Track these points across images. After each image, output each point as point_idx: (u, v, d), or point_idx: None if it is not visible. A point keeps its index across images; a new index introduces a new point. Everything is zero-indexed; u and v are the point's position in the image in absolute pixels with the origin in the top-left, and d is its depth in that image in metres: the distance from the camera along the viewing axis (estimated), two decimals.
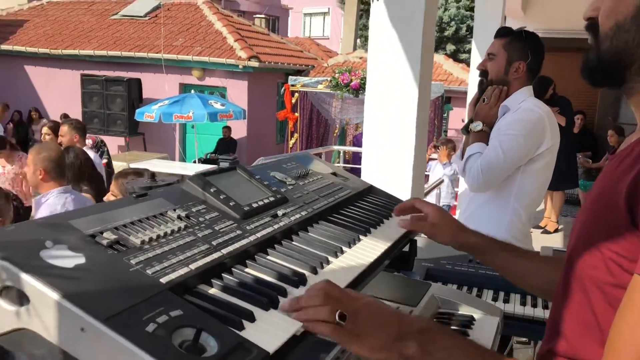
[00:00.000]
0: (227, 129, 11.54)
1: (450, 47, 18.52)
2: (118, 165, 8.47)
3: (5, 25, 13.36)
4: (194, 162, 10.83)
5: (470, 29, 19.08)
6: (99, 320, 0.74)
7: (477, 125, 2.46)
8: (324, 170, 1.76)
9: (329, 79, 9.98)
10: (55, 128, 5.80)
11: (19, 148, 6.56)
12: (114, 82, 11.32)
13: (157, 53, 11.43)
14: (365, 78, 9.67)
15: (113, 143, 11.72)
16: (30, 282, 0.77)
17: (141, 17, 13.23)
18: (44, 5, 14.79)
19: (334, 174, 1.77)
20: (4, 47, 12.35)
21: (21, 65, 12.49)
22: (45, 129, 6.13)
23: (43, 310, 0.77)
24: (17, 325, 0.80)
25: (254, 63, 11.18)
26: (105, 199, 2.66)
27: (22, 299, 0.79)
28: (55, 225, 0.92)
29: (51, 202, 3.09)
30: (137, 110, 10.62)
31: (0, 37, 12.70)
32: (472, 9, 19.18)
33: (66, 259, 0.84)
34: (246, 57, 11.15)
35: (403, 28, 2.81)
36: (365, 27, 19.57)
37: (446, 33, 17.55)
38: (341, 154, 8.89)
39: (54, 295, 0.76)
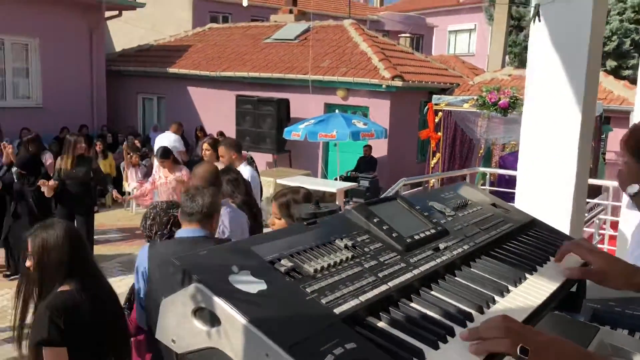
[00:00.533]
0: (368, 147, 11.68)
1: (611, 63, 17.14)
2: (266, 181, 8.93)
3: (173, 50, 14.78)
4: (335, 179, 11.08)
5: (635, 43, 17.53)
6: (283, 349, 0.79)
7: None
8: (483, 201, 1.72)
9: (475, 97, 9.71)
10: (213, 144, 6.30)
11: (180, 162, 7.21)
12: (265, 102, 12.00)
13: (304, 74, 11.93)
14: (515, 96, 9.30)
15: (262, 159, 12.39)
16: (221, 305, 0.85)
17: (291, 40, 13.90)
18: (206, 31, 16.13)
19: (494, 204, 1.72)
20: (172, 70, 13.65)
21: (185, 87, 13.71)
22: (205, 145, 6.70)
23: (232, 333, 0.84)
24: (208, 344, 0.88)
25: (398, 82, 11.22)
26: (269, 222, 2.81)
27: (213, 320, 0.86)
28: (239, 251, 1.00)
29: None
30: (285, 129, 11.14)
31: (169, 61, 14.07)
32: (637, 22, 17.62)
33: (250, 284, 0.90)
34: (390, 76, 11.24)
35: (567, 46, 2.66)
36: (515, 44, 18.80)
37: (607, 48, 16.27)
38: (487, 176, 8.58)
39: (242, 319, 0.82)
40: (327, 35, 13.87)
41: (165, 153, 6.68)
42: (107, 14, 13.79)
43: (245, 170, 5.18)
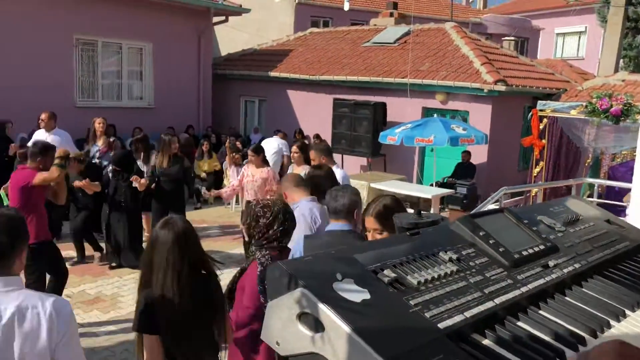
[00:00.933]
0: (467, 153, 11.37)
1: None
2: (359, 184, 8.93)
3: (275, 55, 15.21)
4: (431, 185, 10.89)
5: None
6: None
7: None
8: (596, 216, 1.62)
9: (584, 103, 9.17)
10: (302, 147, 6.52)
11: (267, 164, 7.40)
12: (362, 105, 12.02)
13: (403, 78, 11.83)
14: (629, 103, 8.67)
15: (356, 163, 12.42)
16: (326, 312, 0.86)
17: (391, 43, 13.84)
18: (307, 35, 16.44)
19: (608, 221, 1.62)
20: (273, 73, 14.05)
21: (285, 90, 14.06)
22: (294, 148, 6.91)
23: (335, 340, 0.85)
24: (311, 349, 0.90)
25: (500, 87, 10.84)
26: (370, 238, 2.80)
27: (317, 326, 0.88)
28: (343, 259, 1.01)
29: (302, 207, 3.72)
30: (381, 133, 11.10)
31: (271, 64, 14.49)
32: None
33: (354, 293, 0.91)
34: (492, 80, 10.88)
35: None
36: (631, 47, 17.58)
37: None
38: (595, 188, 8.07)
39: (346, 328, 0.83)
40: (427, 39, 13.67)
41: (258, 149, 6.94)
42: (215, 19, 14.42)
43: (337, 172, 5.26)
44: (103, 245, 7.41)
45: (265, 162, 7.00)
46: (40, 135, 8.05)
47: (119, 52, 12.63)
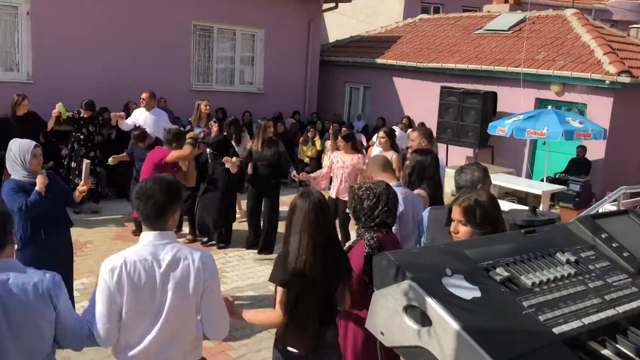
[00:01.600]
0: (582, 148, 10.68)
1: None
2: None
3: (383, 41, 15.08)
4: (542, 180, 10.36)
5: None
6: None
7: None
8: None
9: None
10: (390, 133, 6.80)
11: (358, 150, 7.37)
12: (471, 94, 11.64)
13: (516, 67, 11.29)
14: None
15: (461, 153, 12.08)
16: (433, 307, 0.84)
17: (505, 31, 13.25)
18: (416, 22, 16.14)
19: None
20: (380, 60, 13.95)
21: (391, 77, 13.93)
22: (381, 133, 6.95)
23: (442, 336, 0.83)
24: (416, 342, 0.88)
25: (625, 78, 10.04)
26: (451, 229, 2.63)
27: (424, 320, 0.87)
28: (452, 253, 0.98)
29: None
30: (490, 124, 10.69)
31: (377, 51, 14.40)
32: None
33: (463, 289, 0.89)
34: (615, 71, 10.10)
35: None
36: None
37: None
38: None
39: (454, 324, 0.81)
40: (544, 26, 12.93)
41: (348, 136, 7.00)
42: (325, 6, 14.53)
43: None
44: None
45: (355, 149, 7.00)
46: (141, 113, 8.60)
47: (233, 38, 13.10)
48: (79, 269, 5.88)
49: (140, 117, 8.55)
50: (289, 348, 2.84)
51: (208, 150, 7.42)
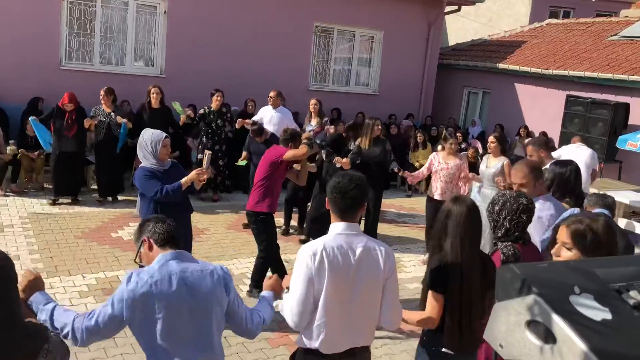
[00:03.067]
0: None
1: None
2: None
3: (506, 46, 14.54)
4: None
5: None
6: None
7: None
8: None
9: None
10: (500, 138, 6.85)
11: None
12: (599, 105, 10.89)
13: None
14: None
15: None
16: (560, 324, 0.82)
17: None
18: (544, 26, 15.38)
19: None
20: (501, 65, 13.46)
21: (512, 83, 13.39)
22: (491, 138, 6.98)
23: (567, 356, 0.81)
24: (538, 359, 0.86)
25: None
26: (553, 251, 2.45)
27: (548, 337, 0.84)
28: (582, 271, 0.95)
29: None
30: (620, 137, 9.96)
31: (499, 56, 13.90)
32: None
33: (593, 310, 0.85)
34: None
35: None
36: None
37: None
38: None
39: (582, 345, 0.78)
40: None
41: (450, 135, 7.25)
42: (447, 8, 14.28)
43: None
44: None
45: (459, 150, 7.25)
46: (267, 111, 8.88)
47: (352, 39, 13.25)
48: (196, 254, 6.23)
49: (267, 114, 8.88)
50: (444, 349, 2.92)
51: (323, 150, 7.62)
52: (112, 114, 8.30)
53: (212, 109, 8.77)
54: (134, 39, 10.77)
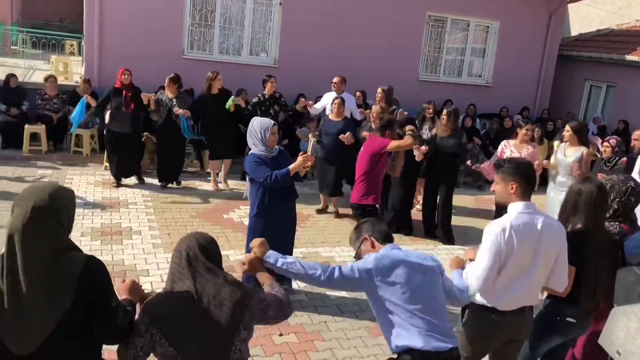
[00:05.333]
0: None
1: None
2: None
3: (636, 36, 13.41)
4: None
5: None
6: None
7: None
8: None
9: None
10: (576, 128, 6.57)
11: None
12: None
13: None
14: None
15: None
16: None
17: None
18: None
19: None
20: (630, 57, 12.45)
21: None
22: (567, 127, 6.73)
23: None
24: None
25: None
26: None
27: None
28: None
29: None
30: None
31: (628, 47, 12.86)
32: None
33: None
34: None
35: None
36: None
37: None
38: None
39: None
40: None
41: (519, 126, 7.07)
42: None
43: None
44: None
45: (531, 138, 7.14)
46: (331, 96, 8.76)
47: (466, 29, 12.87)
48: (299, 239, 6.41)
49: (330, 100, 8.88)
50: (569, 319, 3.16)
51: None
52: (173, 100, 8.23)
53: (266, 96, 8.61)
54: (250, 30, 11.18)
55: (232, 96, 8.53)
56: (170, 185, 8.60)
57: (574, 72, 13.99)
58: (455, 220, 7.66)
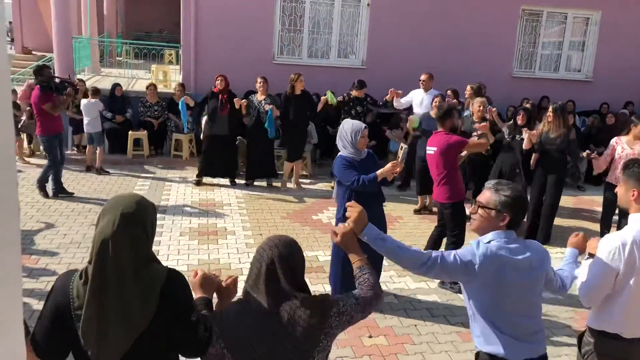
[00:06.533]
0: None
1: None
2: None
3: None
4: None
5: None
6: None
7: None
8: None
9: None
10: None
11: None
12: None
13: None
14: None
15: None
16: None
17: None
18: None
19: None
20: None
21: None
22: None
23: None
24: None
25: None
26: None
27: None
28: None
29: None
30: None
31: None
32: None
33: None
34: None
35: None
36: None
37: None
38: None
39: None
40: None
41: None
42: None
43: None
44: None
45: None
46: (418, 93, 8.73)
47: (564, 21, 12.25)
48: None
49: (417, 97, 8.77)
50: None
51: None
52: (262, 101, 8.53)
53: (351, 96, 8.72)
54: (338, 32, 11.28)
55: (331, 95, 8.71)
56: (258, 183, 8.93)
57: None
58: (555, 221, 7.34)
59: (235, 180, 9.01)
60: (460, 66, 11.05)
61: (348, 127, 4.72)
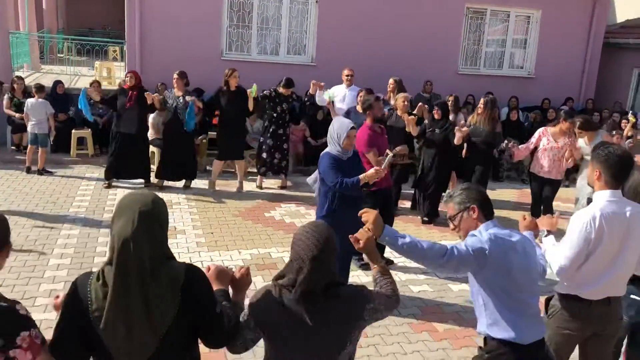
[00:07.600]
0: None
1: None
2: None
3: None
4: None
5: None
6: None
7: None
8: None
9: None
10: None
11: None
12: None
13: None
14: None
15: None
16: None
17: None
18: None
19: None
20: None
21: None
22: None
23: None
24: None
25: None
26: None
27: None
28: None
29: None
30: None
31: None
32: None
33: None
34: None
35: None
36: None
37: None
38: None
39: None
40: None
41: (569, 114, 7.32)
42: None
43: None
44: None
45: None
46: (340, 89, 8.87)
47: (506, 20, 12.60)
48: None
49: (340, 93, 8.84)
50: None
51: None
52: (180, 97, 8.10)
53: (278, 91, 8.49)
54: (287, 29, 11.23)
55: (254, 84, 8.33)
56: (170, 183, 8.49)
57: (621, 60, 13.53)
58: (499, 214, 7.54)
59: (150, 180, 8.52)
60: (407, 63, 11.21)
61: (337, 124, 4.64)
